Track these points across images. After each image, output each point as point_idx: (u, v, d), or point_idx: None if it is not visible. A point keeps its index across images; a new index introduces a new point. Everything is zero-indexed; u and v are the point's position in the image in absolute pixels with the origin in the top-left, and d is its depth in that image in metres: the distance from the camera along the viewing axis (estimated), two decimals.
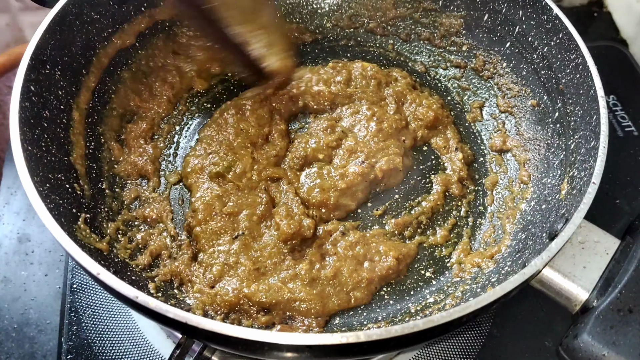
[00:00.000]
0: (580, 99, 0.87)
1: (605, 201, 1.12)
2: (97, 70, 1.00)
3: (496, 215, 0.98)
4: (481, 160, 1.07)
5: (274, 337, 0.58)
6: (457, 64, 1.17)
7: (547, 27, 0.96)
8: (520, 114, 1.05)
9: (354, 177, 0.96)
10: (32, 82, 0.83)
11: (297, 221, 0.90)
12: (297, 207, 0.93)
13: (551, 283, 0.73)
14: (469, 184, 1.03)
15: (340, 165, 0.98)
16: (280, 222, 0.90)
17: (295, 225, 0.90)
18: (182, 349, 0.72)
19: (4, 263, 1.07)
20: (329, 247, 0.91)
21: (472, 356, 0.95)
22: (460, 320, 0.61)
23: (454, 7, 1.14)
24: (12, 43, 1.50)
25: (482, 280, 0.85)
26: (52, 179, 0.81)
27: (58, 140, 0.87)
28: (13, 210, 1.15)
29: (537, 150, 0.99)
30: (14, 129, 0.76)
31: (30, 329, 0.99)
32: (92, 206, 0.89)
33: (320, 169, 0.98)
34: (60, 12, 0.89)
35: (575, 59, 0.89)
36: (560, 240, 0.67)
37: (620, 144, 1.22)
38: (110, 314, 0.97)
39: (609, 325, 0.67)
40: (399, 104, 1.07)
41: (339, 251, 0.91)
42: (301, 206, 0.93)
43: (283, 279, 0.86)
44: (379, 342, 0.59)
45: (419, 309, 0.87)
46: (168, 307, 0.60)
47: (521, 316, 1.00)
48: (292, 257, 0.89)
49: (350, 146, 1.00)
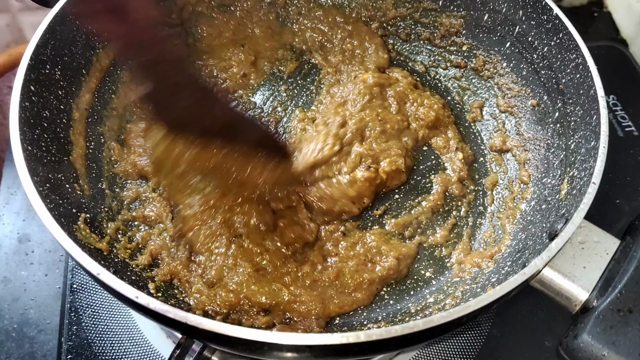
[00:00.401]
0: (580, 99, 0.87)
1: (605, 201, 1.12)
2: (98, 71, 1.00)
3: (496, 215, 0.98)
4: (481, 160, 1.07)
5: (274, 337, 0.58)
6: (457, 64, 1.17)
7: (547, 27, 0.96)
8: (520, 114, 1.05)
9: (362, 184, 0.95)
10: (32, 82, 0.83)
11: (300, 225, 0.90)
12: (300, 212, 0.92)
13: (551, 283, 0.72)
14: (469, 184, 1.03)
15: (347, 172, 0.96)
16: (284, 225, 0.90)
17: (299, 230, 0.90)
18: (182, 349, 0.72)
19: (4, 263, 1.07)
20: (330, 248, 0.91)
21: (472, 356, 0.95)
22: (460, 320, 0.61)
23: (454, 7, 1.14)
24: (12, 43, 1.50)
25: (482, 280, 0.85)
26: (52, 179, 0.81)
27: (58, 140, 0.87)
28: (13, 210, 1.15)
29: (537, 150, 0.99)
30: (14, 129, 0.76)
31: (30, 329, 0.99)
32: (92, 206, 0.89)
33: (329, 178, 0.96)
34: (60, 12, 0.89)
35: (576, 59, 0.89)
36: (560, 240, 0.67)
37: (620, 144, 1.22)
38: (110, 314, 0.97)
39: (609, 325, 0.67)
40: (401, 104, 1.07)
41: (340, 252, 0.91)
42: (304, 210, 0.93)
43: (284, 281, 0.86)
44: (379, 342, 0.59)
45: (419, 309, 0.87)
46: (168, 307, 0.60)
47: (521, 316, 1.00)
48: (295, 259, 0.89)
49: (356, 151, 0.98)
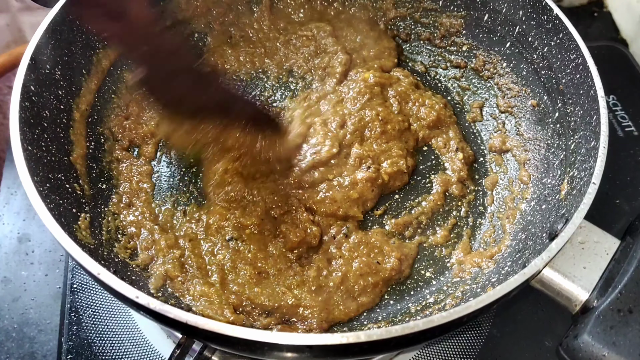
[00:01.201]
0: (580, 99, 0.87)
1: (605, 201, 1.12)
2: (98, 71, 1.00)
3: (496, 215, 0.98)
4: (481, 161, 1.07)
5: (274, 337, 0.58)
6: (457, 64, 1.17)
7: (547, 27, 0.96)
8: (520, 114, 1.05)
9: (363, 185, 0.95)
10: (32, 82, 0.83)
11: (303, 229, 0.90)
12: (301, 216, 0.92)
13: (551, 283, 0.72)
14: (469, 184, 1.03)
15: (348, 173, 0.96)
16: (287, 230, 0.90)
17: (302, 234, 0.89)
18: (182, 349, 0.72)
19: (4, 263, 1.07)
20: (334, 251, 0.91)
21: (472, 356, 0.95)
22: (460, 320, 0.61)
23: (454, 7, 1.14)
24: (12, 43, 1.50)
25: (482, 281, 0.85)
26: (52, 179, 0.81)
27: (58, 140, 0.87)
28: (13, 210, 1.15)
29: (537, 150, 0.99)
30: (14, 129, 0.76)
31: (30, 329, 0.99)
32: (92, 206, 0.89)
33: (330, 180, 0.96)
34: (60, 12, 0.89)
35: (576, 59, 0.89)
36: (561, 240, 0.67)
37: (620, 144, 1.22)
38: (110, 314, 0.97)
39: (609, 325, 0.67)
40: (402, 104, 1.07)
41: (344, 254, 0.90)
42: (305, 213, 0.93)
43: (289, 284, 0.86)
44: (379, 342, 0.59)
45: (419, 309, 0.87)
46: (168, 307, 0.60)
47: (521, 316, 1.00)
48: (300, 264, 0.89)
49: (356, 153, 0.98)
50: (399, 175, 0.99)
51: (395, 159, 0.98)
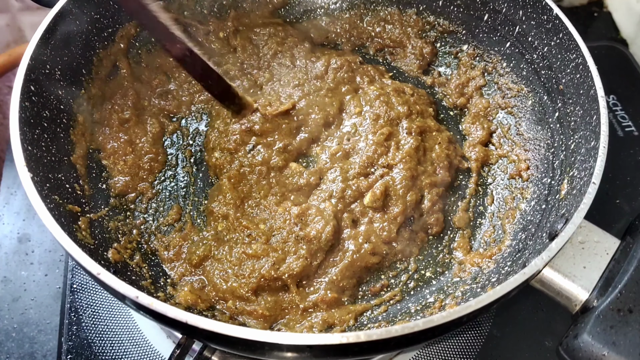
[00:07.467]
0: (580, 99, 0.87)
1: (605, 201, 1.12)
2: (98, 71, 1.00)
3: (496, 215, 0.98)
4: None
5: (274, 337, 0.58)
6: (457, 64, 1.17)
7: (547, 27, 0.96)
8: (520, 114, 1.05)
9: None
10: (32, 82, 0.83)
11: None
12: None
13: (551, 283, 0.73)
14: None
15: (384, 217, 0.93)
16: None
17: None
18: (182, 349, 0.72)
19: (4, 263, 1.07)
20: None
21: (472, 356, 0.95)
22: (460, 320, 0.61)
23: (454, 7, 1.14)
24: (12, 43, 1.51)
25: (482, 280, 0.85)
26: (52, 179, 0.81)
27: (58, 140, 0.87)
28: (13, 210, 1.15)
29: (537, 150, 0.99)
30: (14, 129, 0.76)
31: (30, 329, 0.99)
32: (92, 206, 0.89)
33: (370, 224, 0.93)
34: (60, 12, 0.89)
35: (576, 59, 0.89)
36: (561, 240, 0.67)
37: (620, 144, 1.22)
38: (110, 314, 0.97)
39: (609, 325, 0.67)
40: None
41: None
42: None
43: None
44: (379, 342, 0.59)
45: (419, 309, 0.87)
46: (168, 307, 0.60)
47: (521, 316, 1.00)
48: None
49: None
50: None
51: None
